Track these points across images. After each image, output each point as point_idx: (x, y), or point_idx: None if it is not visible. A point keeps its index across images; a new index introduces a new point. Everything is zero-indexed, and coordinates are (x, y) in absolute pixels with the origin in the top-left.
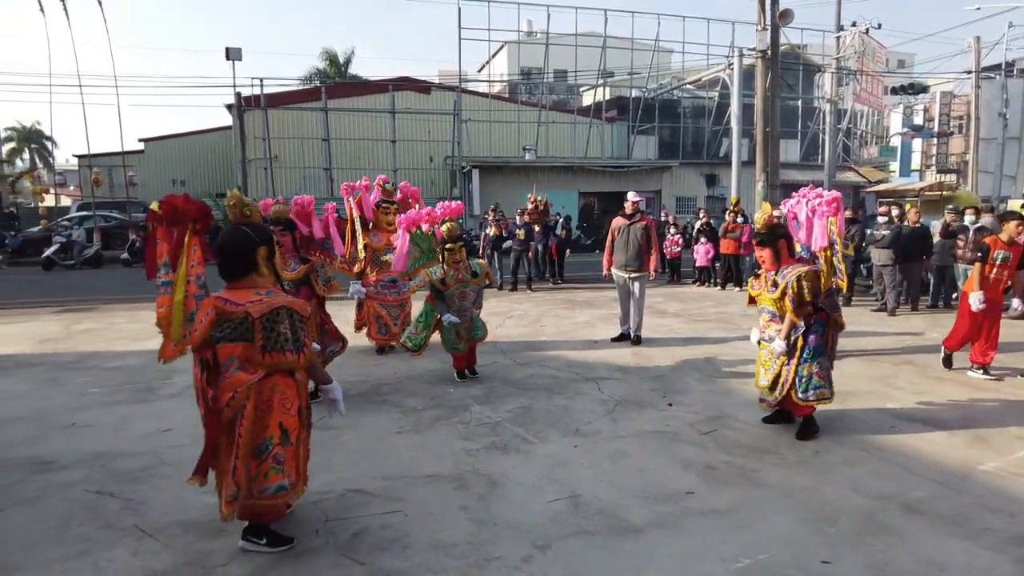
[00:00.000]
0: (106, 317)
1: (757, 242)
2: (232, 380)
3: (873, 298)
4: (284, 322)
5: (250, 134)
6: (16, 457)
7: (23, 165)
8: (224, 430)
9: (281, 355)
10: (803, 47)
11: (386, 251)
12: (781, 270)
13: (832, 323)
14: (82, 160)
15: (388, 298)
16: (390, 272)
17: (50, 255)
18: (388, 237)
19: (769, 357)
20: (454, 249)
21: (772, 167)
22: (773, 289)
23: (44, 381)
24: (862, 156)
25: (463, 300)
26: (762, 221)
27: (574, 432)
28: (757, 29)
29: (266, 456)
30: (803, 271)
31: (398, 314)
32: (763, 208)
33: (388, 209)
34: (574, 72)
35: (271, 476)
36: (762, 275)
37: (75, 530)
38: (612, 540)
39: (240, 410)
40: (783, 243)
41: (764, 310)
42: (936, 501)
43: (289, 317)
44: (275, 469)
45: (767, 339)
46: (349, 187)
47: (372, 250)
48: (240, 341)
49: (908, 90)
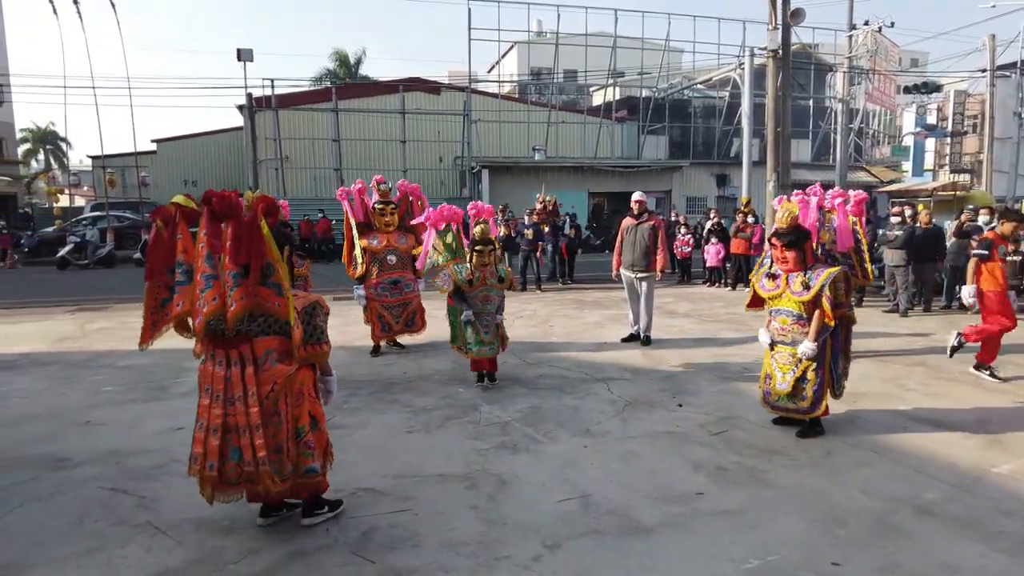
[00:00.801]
0: (119, 316)
1: (784, 244)
2: (272, 372)
3: (885, 299)
4: (319, 315)
5: (261, 135)
6: (33, 454)
7: (38, 166)
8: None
9: (318, 347)
10: (815, 46)
11: (387, 252)
12: (809, 271)
13: (846, 321)
14: (96, 161)
15: (389, 299)
16: (392, 273)
17: (64, 255)
18: (388, 238)
19: (790, 361)
20: (484, 252)
21: (783, 167)
22: (803, 291)
23: (59, 379)
24: (874, 156)
25: (486, 304)
26: (786, 222)
27: (584, 432)
28: (768, 28)
29: (300, 442)
30: (835, 272)
31: (400, 312)
32: (788, 209)
33: (385, 210)
34: (584, 72)
35: (303, 460)
36: (781, 277)
37: (90, 526)
38: (622, 540)
39: (280, 399)
40: (808, 244)
41: (782, 312)
42: (949, 503)
43: (321, 311)
44: (306, 454)
45: (790, 343)
46: (344, 192)
47: (371, 253)
48: (277, 335)
49: (921, 89)
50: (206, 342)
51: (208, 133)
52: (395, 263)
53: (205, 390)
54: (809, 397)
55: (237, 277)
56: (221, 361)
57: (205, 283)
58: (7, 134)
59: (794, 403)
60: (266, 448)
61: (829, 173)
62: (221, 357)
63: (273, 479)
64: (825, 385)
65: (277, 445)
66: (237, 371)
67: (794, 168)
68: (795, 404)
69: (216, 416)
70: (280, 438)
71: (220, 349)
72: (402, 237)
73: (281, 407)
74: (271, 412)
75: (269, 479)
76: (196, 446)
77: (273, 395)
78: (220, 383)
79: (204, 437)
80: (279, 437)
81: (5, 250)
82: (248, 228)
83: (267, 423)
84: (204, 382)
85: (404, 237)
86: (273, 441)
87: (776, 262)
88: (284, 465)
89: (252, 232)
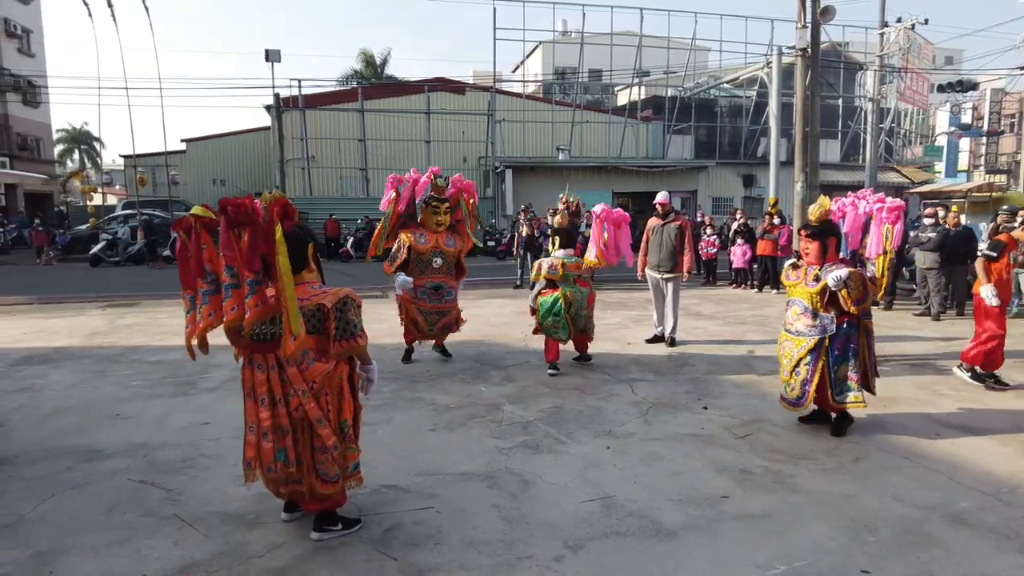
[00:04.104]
0: (148, 312)
1: (807, 234)
2: (312, 371)
3: (916, 302)
4: (352, 309)
5: (288, 134)
6: (67, 445)
7: (73, 166)
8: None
9: (353, 341)
10: (845, 45)
11: (433, 255)
12: (825, 266)
13: (863, 329)
14: (128, 160)
15: (427, 305)
16: (435, 277)
17: (97, 252)
18: (437, 239)
19: (792, 348)
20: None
21: (811, 167)
22: (814, 283)
23: (92, 373)
24: (905, 156)
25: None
26: (817, 214)
27: (607, 433)
28: (797, 27)
29: (344, 437)
30: (853, 271)
31: (436, 320)
32: (820, 202)
33: (439, 208)
34: (609, 71)
35: (349, 455)
36: (802, 267)
37: (119, 517)
38: (645, 542)
39: (321, 397)
40: (833, 240)
41: (796, 302)
42: (984, 513)
43: (353, 305)
44: (352, 448)
45: (794, 332)
46: (396, 179)
47: (416, 253)
48: (312, 333)
49: (956, 87)
50: (245, 346)
51: (236, 133)
52: (440, 267)
53: (248, 394)
54: (797, 389)
55: (252, 284)
56: (260, 365)
57: (225, 293)
58: (44, 135)
59: (788, 391)
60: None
61: (858, 174)
62: (260, 361)
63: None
64: (815, 383)
65: (317, 446)
66: (276, 374)
67: (822, 168)
68: (788, 392)
69: (265, 419)
70: (323, 439)
71: (258, 353)
72: (451, 239)
73: (323, 405)
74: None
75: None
76: (249, 450)
77: (317, 393)
78: (262, 386)
79: (256, 441)
80: (323, 438)
81: (41, 247)
82: (264, 232)
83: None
84: (247, 386)
85: (452, 239)
86: (319, 441)
87: (801, 253)
88: (330, 466)
89: (267, 236)
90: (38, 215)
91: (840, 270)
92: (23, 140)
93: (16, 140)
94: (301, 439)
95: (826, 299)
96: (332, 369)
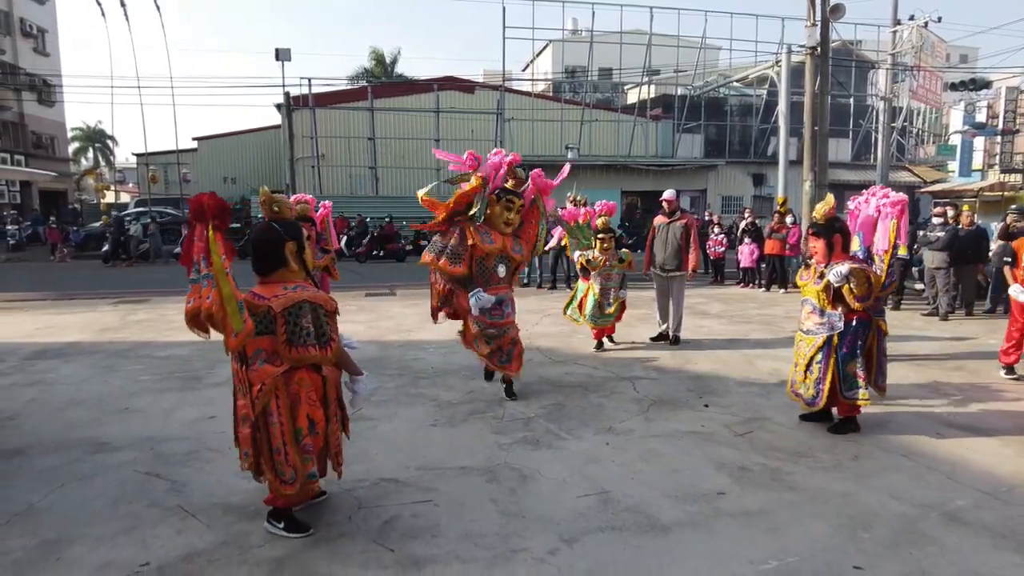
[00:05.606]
0: (158, 309)
1: (813, 232)
2: (260, 372)
3: (924, 302)
4: (307, 316)
5: (298, 133)
6: (76, 437)
7: (87, 163)
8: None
9: (305, 349)
10: (856, 43)
11: (498, 261)
12: (831, 264)
13: (874, 327)
14: (140, 158)
15: (488, 320)
16: (498, 289)
17: (106, 253)
18: (504, 241)
19: (804, 347)
20: (605, 239)
21: (820, 166)
22: (819, 281)
23: (102, 368)
24: (918, 155)
25: (608, 281)
26: (822, 212)
27: (607, 430)
28: (806, 25)
29: (299, 446)
30: (855, 267)
31: (494, 338)
32: (827, 200)
33: (512, 203)
34: (619, 70)
35: (304, 465)
36: (812, 266)
37: (125, 508)
38: (640, 537)
39: (271, 400)
40: (838, 238)
41: (807, 301)
42: (981, 511)
43: (312, 311)
44: (306, 458)
45: (805, 331)
46: (476, 158)
47: (479, 256)
48: (266, 334)
49: (969, 86)
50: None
51: (247, 131)
52: (503, 276)
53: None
54: (811, 388)
55: (209, 277)
56: (234, 356)
57: (203, 283)
58: (59, 133)
59: (804, 390)
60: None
61: (869, 173)
62: (234, 353)
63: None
64: (828, 382)
65: (275, 446)
66: (243, 368)
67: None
68: (804, 392)
69: (242, 407)
70: (277, 440)
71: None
72: (517, 244)
73: (272, 408)
74: (263, 412)
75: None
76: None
77: (263, 396)
78: (235, 376)
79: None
80: (276, 439)
81: (55, 244)
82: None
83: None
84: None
85: (519, 244)
86: (271, 441)
87: (810, 251)
88: (285, 467)
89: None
90: (53, 213)
91: (841, 266)
92: (38, 138)
93: (31, 138)
94: (259, 436)
95: (831, 296)
96: (285, 376)
